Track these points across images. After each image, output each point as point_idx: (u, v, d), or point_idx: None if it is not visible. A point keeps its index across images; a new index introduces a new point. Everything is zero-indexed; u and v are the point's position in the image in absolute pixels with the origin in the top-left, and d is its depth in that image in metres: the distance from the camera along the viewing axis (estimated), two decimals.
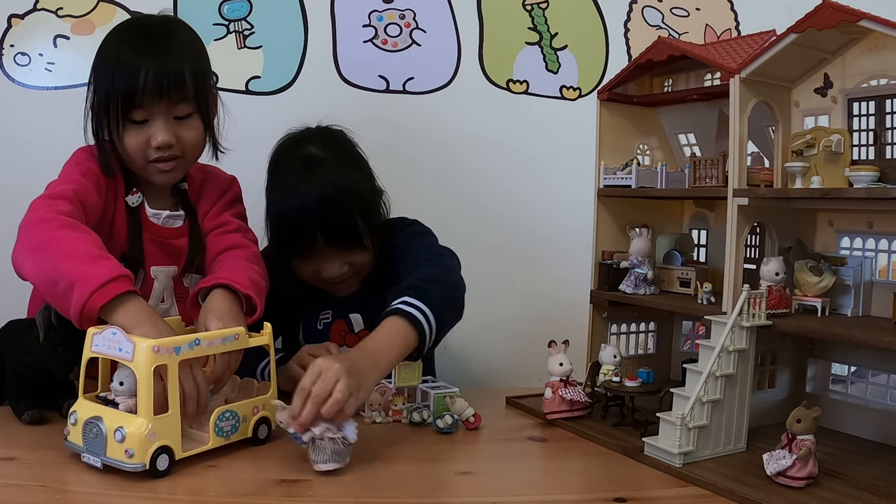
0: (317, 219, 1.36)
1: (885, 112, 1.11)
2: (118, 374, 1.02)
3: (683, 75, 1.44)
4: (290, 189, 1.39)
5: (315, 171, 1.40)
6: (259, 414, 1.13)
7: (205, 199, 1.42)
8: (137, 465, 0.96)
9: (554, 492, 1.03)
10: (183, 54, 1.28)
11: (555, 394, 1.29)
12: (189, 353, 1.03)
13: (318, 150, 1.44)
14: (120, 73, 1.23)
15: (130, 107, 1.23)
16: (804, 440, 1.00)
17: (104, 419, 0.98)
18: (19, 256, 1.12)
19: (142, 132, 1.26)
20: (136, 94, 1.22)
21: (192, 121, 1.30)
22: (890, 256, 1.19)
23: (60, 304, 1.07)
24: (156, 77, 1.22)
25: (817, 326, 1.12)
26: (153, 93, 1.23)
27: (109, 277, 1.04)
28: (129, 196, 1.32)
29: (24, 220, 1.15)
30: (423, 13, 1.94)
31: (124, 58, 1.24)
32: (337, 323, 1.53)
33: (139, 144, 1.26)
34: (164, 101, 1.25)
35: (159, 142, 1.25)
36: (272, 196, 1.44)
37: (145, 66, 1.22)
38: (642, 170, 1.38)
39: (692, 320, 1.50)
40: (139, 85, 1.21)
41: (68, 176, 1.25)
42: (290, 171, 1.42)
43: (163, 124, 1.26)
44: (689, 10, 2.07)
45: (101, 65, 1.27)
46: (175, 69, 1.25)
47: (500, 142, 1.97)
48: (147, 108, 1.24)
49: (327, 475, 1.02)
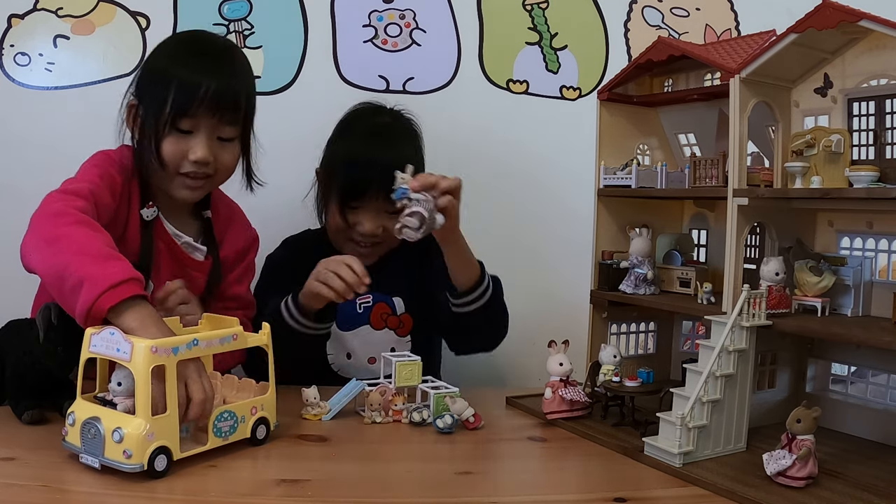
0: (380, 169, 1.43)
1: (885, 112, 1.11)
2: (116, 374, 1.02)
3: (683, 75, 1.44)
4: (362, 139, 1.55)
5: (388, 132, 1.57)
6: (258, 414, 1.13)
7: (228, 242, 1.43)
8: (135, 466, 0.96)
9: (554, 492, 1.03)
10: (243, 79, 1.33)
11: (555, 394, 1.29)
12: (187, 354, 1.03)
13: (391, 119, 1.61)
14: (180, 80, 1.25)
15: (181, 114, 1.25)
16: (804, 440, 1.00)
17: (102, 420, 0.98)
18: (29, 247, 1.11)
19: (182, 142, 1.27)
20: (192, 103, 1.24)
21: (233, 145, 1.33)
22: (890, 256, 1.19)
23: (66, 301, 1.06)
24: (215, 92, 1.25)
25: (817, 326, 1.11)
26: (208, 106, 1.25)
27: (120, 279, 1.03)
28: (145, 209, 1.31)
29: (38, 212, 1.14)
30: (423, 13, 1.94)
31: (187, 67, 1.27)
32: (379, 305, 1.60)
33: (176, 153, 1.27)
34: (215, 118, 1.27)
35: (198, 156, 1.27)
36: (340, 143, 1.58)
37: (207, 80, 1.25)
38: (642, 170, 1.38)
39: (692, 320, 1.50)
40: (197, 94, 1.24)
41: (85, 175, 1.25)
42: (364, 126, 1.58)
43: (205, 140, 1.28)
44: (689, 10, 2.07)
45: (157, 69, 1.29)
46: (234, 90, 1.29)
47: (500, 142, 1.97)
48: (196, 119, 1.26)
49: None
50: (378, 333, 1.60)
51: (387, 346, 1.56)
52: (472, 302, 1.47)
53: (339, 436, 1.20)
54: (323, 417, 1.27)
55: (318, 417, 1.27)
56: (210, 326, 1.19)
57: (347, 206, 1.54)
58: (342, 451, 1.14)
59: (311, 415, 1.27)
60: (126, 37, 1.80)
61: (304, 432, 1.20)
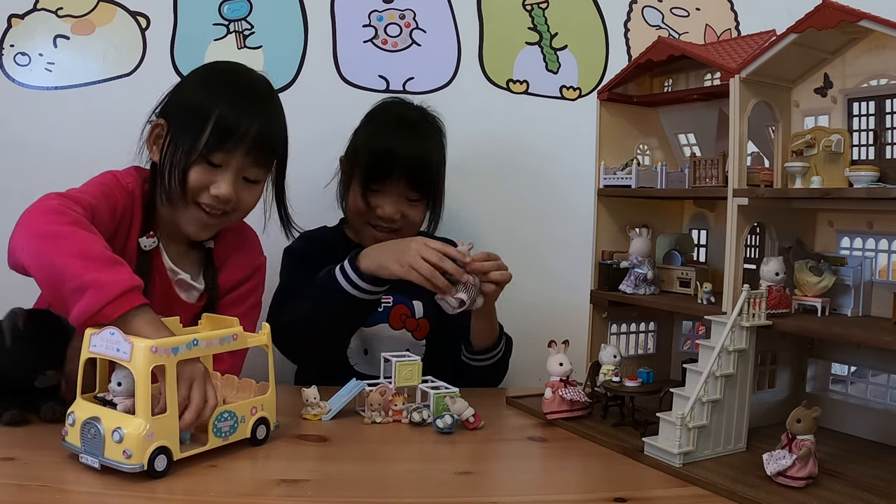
0: (404, 153, 1.52)
1: (885, 112, 1.11)
2: (116, 374, 1.02)
3: (683, 75, 1.44)
4: (389, 125, 1.60)
5: (415, 122, 1.62)
6: (258, 414, 1.13)
7: (230, 269, 1.39)
8: (135, 466, 0.95)
9: (554, 492, 1.03)
10: (281, 122, 1.32)
11: (555, 394, 1.29)
12: (187, 354, 1.03)
13: (417, 113, 1.65)
14: (221, 114, 1.23)
15: (216, 149, 1.23)
16: (804, 440, 1.00)
17: (102, 420, 0.98)
18: (20, 241, 1.07)
19: (209, 175, 1.25)
20: (229, 140, 1.23)
21: (257, 187, 1.32)
22: (890, 256, 1.19)
23: (62, 302, 1.04)
24: (256, 133, 1.24)
25: (817, 326, 1.11)
26: (245, 146, 1.24)
27: (128, 287, 1.03)
28: (144, 238, 1.28)
29: (32, 208, 1.10)
30: (423, 13, 1.94)
31: (229, 102, 1.25)
32: (399, 307, 1.63)
33: (200, 184, 1.25)
34: (248, 159, 1.26)
35: (221, 192, 1.26)
36: (367, 128, 1.62)
37: (249, 120, 1.24)
38: (642, 170, 1.38)
39: (692, 320, 1.50)
40: (237, 132, 1.23)
41: (88, 190, 1.22)
42: (392, 115, 1.63)
43: (231, 177, 1.26)
44: (689, 10, 2.07)
45: (195, 97, 1.27)
46: (273, 133, 1.28)
47: (500, 142, 1.97)
48: (228, 156, 1.25)
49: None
50: (396, 333, 1.62)
51: (402, 347, 1.57)
52: (485, 360, 1.55)
53: (339, 436, 1.20)
54: (323, 417, 1.27)
55: (318, 417, 1.27)
56: (210, 326, 1.19)
57: (370, 188, 1.56)
58: (342, 451, 1.14)
59: (311, 415, 1.27)
60: (126, 37, 1.80)
61: (304, 432, 1.20)
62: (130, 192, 1.27)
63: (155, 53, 1.80)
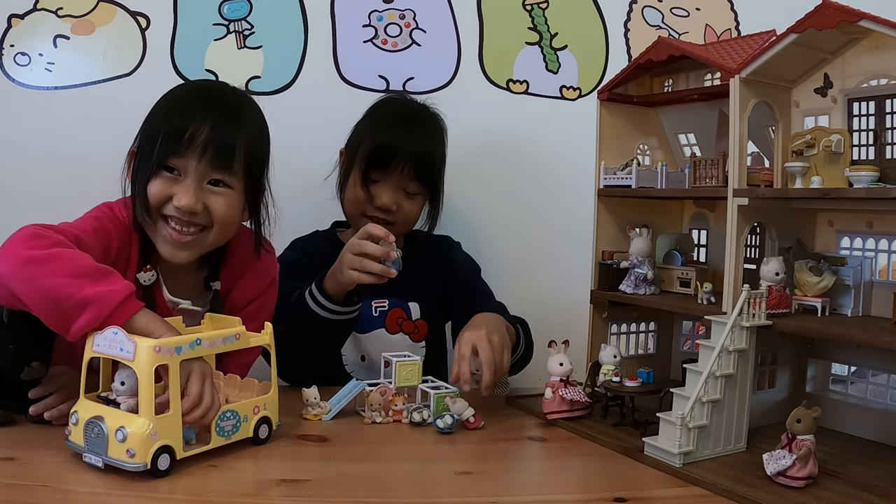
0: (405, 142, 1.53)
1: (885, 112, 1.11)
2: (119, 374, 1.02)
3: (683, 75, 1.44)
4: (391, 116, 1.61)
5: (417, 116, 1.62)
6: (260, 413, 1.13)
7: (242, 287, 1.34)
8: (139, 465, 0.96)
9: (554, 492, 1.03)
10: (245, 124, 1.24)
11: (555, 394, 1.29)
12: (190, 353, 1.03)
13: (420, 107, 1.66)
14: (174, 116, 1.19)
15: (169, 153, 1.17)
16: (804, 440, 1.00)
17: (105, 419, 0.98)
18: (5, 270, 1.03)
19: (169, 185, 1.18)
20: (180, 140, 1.16)
21: (229, 193, 1.22)
22: (890, 256, 1.19)
23: (59, 321, 1.02)
24: (211, 134, 1.17)
25: (817, 326, 1.12)
26: (200, 146, 1.17)
27: (124, 296, 1.02)
28: (142, 273, 1.22)
29: (10, 238, 1.06)
30: (423, 13, 1.94)
31: (180, 109, 1.21)
32: (395, 311, 1.61)
33: (160, 195, 1.18)
34: (206, 161, 1.18)
35: (182, 203, 1.17)
36: (369, 118, 1.62)
37: (202, 117, 1.17)
38: (642, 170, 1.38)
39: (692, 320, 1.50)
40: (187, 130, 1.16)
41: (77, 224, 1.17)
42: (394, 107, 1.65)
43: (192, 186, 1.18)
44: (689, 10, 2.07)
45: (156, 113, 1.22)
46: (229, 133, 1.20)
47: (499, 142, 1.97)
48: (184, 160, 1.17)
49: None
50: (393, 337, 1.60)
51: (401, 350, 1.54)
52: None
53: (339, 436, 1.20)
54: (323, 417, 1.27)
55: (318, 417, 1.27)
56: (212, 326, 1.19)
57: (369, 178, 1.55)
58: (342, 451, 1.14)
59: (312, 415, 1.27)
60: (126, 37, 1.80)
61: (304, 432, 1.20)
62: (127, 227, 1.22)
63: (155, 53, 1.80)
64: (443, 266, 1.68)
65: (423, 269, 1.64)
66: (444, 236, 1.75)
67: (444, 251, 1.72)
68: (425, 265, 1.65)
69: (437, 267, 1.67)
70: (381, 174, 1.55)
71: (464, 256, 1.74)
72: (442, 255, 1.70)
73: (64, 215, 1.18)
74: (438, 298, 1.66)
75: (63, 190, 1.70)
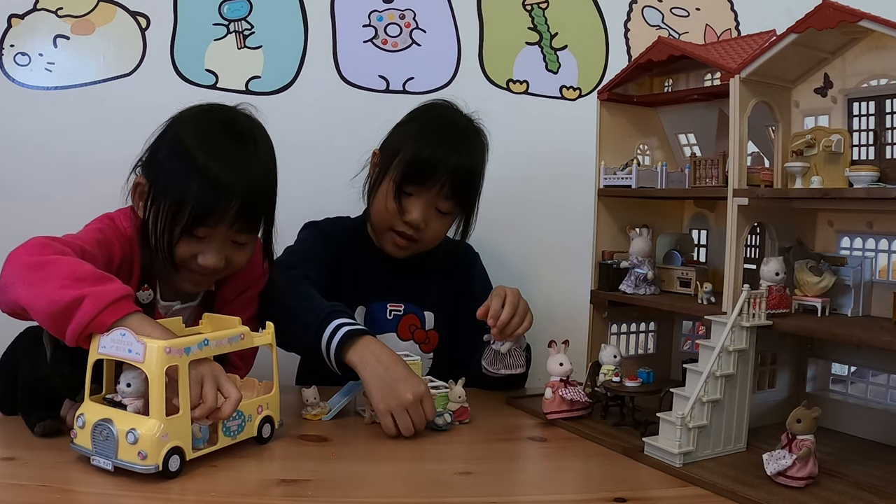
0: (449, 159, 1.45)
1: (885, 112, 1.11)
2: (125, 375, 1.01)
3: (683, 75, 1.44)
4: (437, 127, 1.51)
5: (464, 131, 1.53)
6: (263, 413, 1.13)
7: (228, 287, 1.35)
8: (150, 467, 0.95)
9: (554, 492, 1.03)
10: (268, 179, 1.24)
11: (555, 394, 1.29)
12: (199, 354, 1.03)
13: (466, 121, 1.56)
14: (205, 189, 1.15)
15: (199, 224, 1.17)
16: (804, 440, 1.00)
17: (115, 421, 0.97)
18: (9, 276, 1.05)
19: (195, 245, 1.20)
20: (210, 216, 1.16)
21: (249, 246, 1.26)
22: (890, 256, 1.19)
23: (58, 323, 1.02)
24: (241, 206, 1.16)
25: (817, 326, 1.11)
26: (230, 218, 1.17)
27: (119, 296, 1.02)
28: (141, 291, 1.24)
29: (15, 249, 1.08)
30: (423, 13, 1.94)
31: (216, 175, 1.15)
32: (409, 316, 1.57)
33: (187, 255, 1.20)
34: (234, 229, 1.20)
35: (209, 263, 1.20)
36: (413, 124, 1.53)
37: (231, 194, 1.15)
38: (642, 170, 1.38)
39: (692, 320, 1.50)
40: (217, 209, 1.16)
41: (82, 236, 1.18)
42: (441, 117, 1.55)
43: (217, 248, 1.21)
44: (689, 10, 2.07)
45: (180, 172, 1.17)
46: (259, 200, 1.21)
47: (499, 142, 1.96)
48: (212, 230, 1.19)
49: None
50: (403, 344, 1.55)
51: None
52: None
53: (339, 436, 1.20)
54: (323, 417, 1.27)
55: (318, 417, 1.27)
56: (211, 326, 1.19)
57: (403, 190, 1.47)
58: (342, 451, 1.14)
59: (311, 415, 1.27)
60: (126, 37, 1.80)
61: (304, 432, 1.20)
62: (129, 239, 1.22)
63: (155, 53, 1.80)
64: (461, 281, 1.63)
65: (443, 281, 1.62)
66: (467, 245, 1.67)
67: (465, 266, 1.66)
68: (444, 277, 1.62)
69: (454, 281, 1.63)
70: (417, 189, 1.47)
71: (481, 275, 1.67)
72: (461, 270, 1.64)
73: (64, 215, 1.19)
74: (451, 315, 1.61)
75: (63, 190, 1.71)
